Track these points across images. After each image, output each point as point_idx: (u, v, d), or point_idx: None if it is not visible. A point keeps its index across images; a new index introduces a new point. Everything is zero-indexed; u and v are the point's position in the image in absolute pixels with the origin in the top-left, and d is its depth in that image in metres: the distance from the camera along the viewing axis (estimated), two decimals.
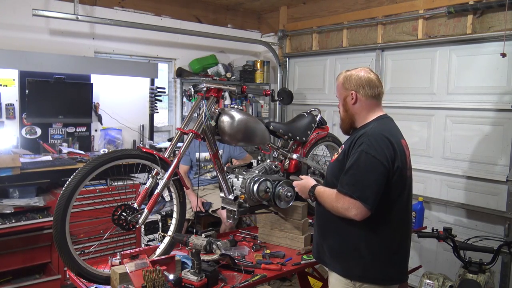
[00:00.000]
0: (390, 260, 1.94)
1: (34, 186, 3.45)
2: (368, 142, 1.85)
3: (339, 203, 1.87)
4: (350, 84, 1.99)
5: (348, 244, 1.94)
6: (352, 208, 1.82)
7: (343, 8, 4.66)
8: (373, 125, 1.96)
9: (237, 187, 2.47)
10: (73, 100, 4.03)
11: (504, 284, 3.39)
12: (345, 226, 1.92)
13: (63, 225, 1.91)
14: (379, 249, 1.92)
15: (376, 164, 1.82)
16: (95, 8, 4.24)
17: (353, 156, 1.86)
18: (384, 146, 1.85)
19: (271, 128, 2.69)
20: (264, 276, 2.20)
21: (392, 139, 1.89)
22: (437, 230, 2.93)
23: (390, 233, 1.93)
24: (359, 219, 1.83)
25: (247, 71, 5.17)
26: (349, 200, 1.83)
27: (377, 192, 1.83)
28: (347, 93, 2.01)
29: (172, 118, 5.03)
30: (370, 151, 1.83)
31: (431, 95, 3.88)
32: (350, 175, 1.85)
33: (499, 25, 3.38)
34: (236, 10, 5.40)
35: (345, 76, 2.02)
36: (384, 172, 1.83)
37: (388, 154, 1.84)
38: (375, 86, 1.99)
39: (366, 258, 1.91)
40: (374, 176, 1.82)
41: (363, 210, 1.81)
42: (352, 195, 1.82)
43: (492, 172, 3.49)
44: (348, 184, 1.84)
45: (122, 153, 2.12)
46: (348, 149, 1.94)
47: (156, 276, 1.82)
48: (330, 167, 2.08)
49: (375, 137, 1.87)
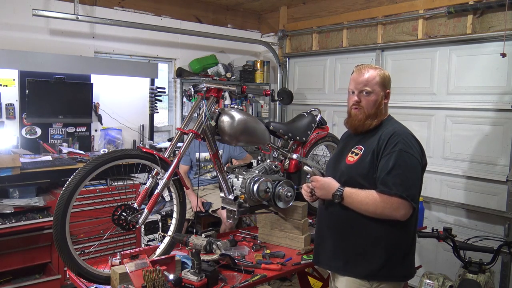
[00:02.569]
0: (410, 257, 1.99)
1: (34, 186, 3.45)
2: (403, 141, 1.88)
3: (386, 203, 1.83)
4: (389, 83, 2.04)
5: (376, 244, 1.91)
6: (401, 208, 1.83)
7: (343, 8, 4.66)
8: (393, 124, 2.00)
9: (237, 187, 2.47)
10: (73, 100, 4.03)
11: (504, 284, 3.39)
12: (374, 226, 1.90)
13: (63, 225, 1.91)
14: (404, 246, 1.94)
15: (416, 162, 1.88)
16: (95, 8, 4.24)
17: (391, 156, 1.86)
18: (416, 144, 1.92)
19: (271, 128, 2.69)
20: (264, 276, 2.20)
21: (416, 138, 1.96)
22: (437, 230, 2.93)
23: (413, 229, 1.98)
24: (405, 219, 1.86)
25: (247, 71, 5.18)
26: (398, 201, 1.82)
27: (420, 189, 1.92)
28: (385, 91, 2.02)
29: (172, 118, 5.03)
30: (409, 150, 1.87)
31: (431, 95, 3.88)
32: (395, 175, 1.83)
33: (499, 25, 3.38)
34: (236, 10, 5.40)
35: (382, 74, 2.01)
36: (420, 169, 1.90)
37: (419, 152, 1.91)
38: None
39: (395, 257, 1.91)
40: (417, 174, 1.88)
41: (411, 209, 1.85)
42: (402, 194, 1.81)
43: (492, 172, 3.49)
44: (395, 184, 1.82)
45: (122, 153, 2.12)
46: (377, 149, 1.91)
47: (156, 276, 1.82)
48: (354, 170, 1.96)
49: (407, 136, 1.92)
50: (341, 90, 4.67)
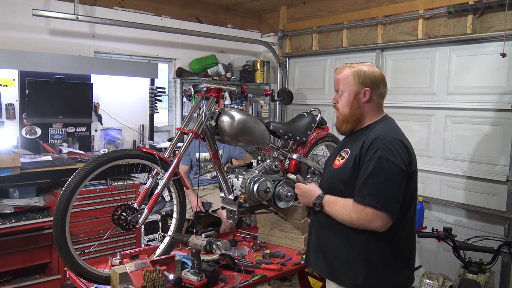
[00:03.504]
0: (402, 267, 1.87)
1: (34, 186, 3.45)
2: (384, 147, 1.73)
3: (361, 214, 1.73)
4: (365, 80, 1.86)
5: (357, 255, 1.81)
6: (376, 220, 1.71)
7: (343, 8, 4.66)
8: (382, 127, 1.85)
9: (237, 187, 2.47)
10: (73, 100, 4.03)
11: (504, 284, 3.39)
12: (355, 236, 1.81)
13: (63, 225, 1.91)
14: (391, 257, 1.82)
15: (397, 170, 1.72)
16: (95, 8, 4.24)
17: (370, 163, 1.74)
18: (400, 150, 1.75)
19: (271, 128, 2.68)
20: (264, 276, 2.20)
21: (405, 142, 1.81)
22: (437, 230, 2.94)
23: (403, 240, 1.86)
24: (383, 230, 1.73)
25: (247, 71, 5.17)
26: (373, 212, 1.71)
27: (399, 200, 1.74)
28: (360, 89, 1.86)
29: (172, 118, 5.03)
30: (390, 157, 1.72)
31: (431, 95, 3.88)
32: (370, 184, 1.72)
33: (499, 25, 3.38)
34: (236, 10, 5.40)
35: (357, 70, 1.87)
36: (403, 178, 1.75)
37: (405, 158, 1.75)
38: (386, 85, 1.91)
39: (379, 268, 1.81)
40: (396, 184, 1.73)
41: (388, 220, 1.72)
42: (376, 205, 1.70)
43: (492, 172, 3.49)
44: (370, 194, 1.71)
45: (122, 153, 2.12)
46: (359, 154, 1.80)
47: (156, 276, 1.82)
48: (337, 175, 1.89)
49: (391, 141, 1.76)
50: None
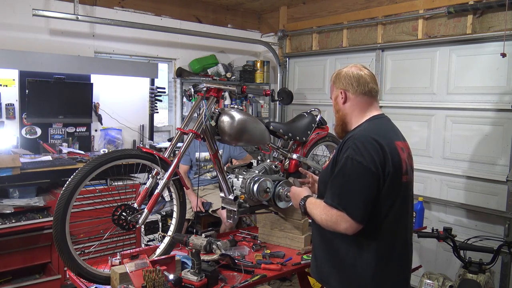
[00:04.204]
0: (387, 274, 1.77)
1: (34, 186, 3.45)
2: (353, 147, 1.68)
3: (328, 216, 1.70)
4: (340, 82, 1.86)
5: (342, 259, 1.78)
6: (341, 222, 1.66)
7: (343, 8, 4.66)
8: (363, 126, 1.80)
9: (237, 187, 2.47)
10: (73, 100, 4.03)
11: (504, 284, 3.39)
12: (336, 241, 1.78)
13: (63, 225, 1.91)
14: (372, 263, 1.73)
15: (363, 171, 1.64)
16: (95, 8, 4.24)
17: (340, 163, 1.71)
18: (372, 149, 1.66)
19: (271, 128, 2.68)
20: (264, 276, 2.20)
21: (382, 142, 1.70)
22: (437, 230, 2.94)
23: (382, 246, 1.75)
24: (351, 233, 1.67)
25: (247, 71, 5.17)
26: (337, 213, 1.66)
27: (366, 202, 1.65)
28: (337, 92, 1.87)
29: (172, 118, 5.03)
30: (356, 157, 1.66)
31: (431, 95, 3.88)
32: (335, 184, 1.70)
33: (499, 25, 3.38)
34: (236, 10, 5.40)
35: (334, 75, 1.89)
36: (372, 179, 1.65)
37: (377, 159, 1.66)
38: (365, 83, 1.82)
39: (362, 272, 1.74)
40: (362, 185, 1.65)
41: (352, 223, 1.64)
42: (338, 206, 1.66)
43: (492, 172, 3.49)
44: (334, 194, 1.69)
45: (122, 153, 2.12)
46: (336, 155, 1.76)
47: (156, 276, 1.82)
48: (321, 175, 1.93)
49: (362, 140, 1.69)
50: None
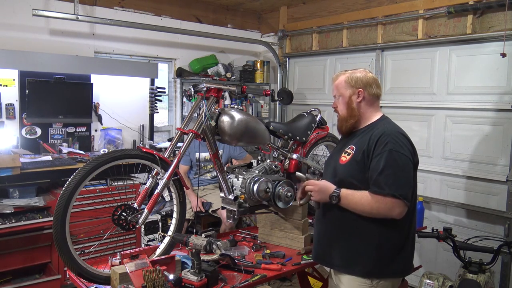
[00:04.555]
0: (404, 253, 1.99)
1: (34, 186, 3.45)
2: (393, 141, 1.90)
3: (381, 204, 1.86)
4: (357, 82, 2.04)
5: (369, 243, 1.95)
6: (396, 208, 1.86)
7: (343, 8, 4.66)
8: (384, 125, 2.01)
9: (237, 187, 2.47)
10: (73, 100, 4.03)
11: (504, 284, 3.39)
12: (366, 226, 1.94)
13: (63, 225, 1.91)
14: (400, 244, 1.96)
15: (407, 161, 1.90)
16: (95, 8, 4.24)
17: (381, 156, 1.88)
18: (406, 143, 1.94)
19: (271, 128, 2.68)
20: (264, 276, 2.20)
21: (407, 136, 1.99)
22: (437, 230, 2.93)
23: (408, 227, 1.99)
24: (400, 217, 1.88)
25: (247, 71, 5.17)
26: (392, 200, 1.85)
27: (411, 186, 1.92)
28: (353, 91, 2.04)
29: (172, 118, 5.03)
30: (399, 149, 1.89)
31: (431, 95, 3.88)
32: (386, 175, 1.86)
33: (499, 25, 3.38)
34: (236, 10, 5.40)
35: (350, 75, 2.06)
36: (411, 167, 1.92)
37: (410, 150, 1.94)
38: (379, 86, 2.08)
39: (388, 253, 1.94)
40: (408, 173, 1.90)
41: (405, 207, 1.87)
42: (395, 194, 1.84)
43: (492, 172, 3.49)
44: (387, 184, 1.85)
45: (122, 153, 2.12)
46: (367, 149, 1.94)
47: (156, 276, 1.82)
48: (345, 170, 2.02)
49: (396, 135, 1.94)
50: None
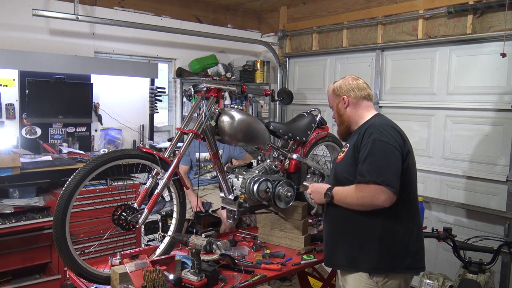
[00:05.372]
0: (410, 248, 2.00)
1: (34, 186, 3.45)
2: (377, 131, 1.94)
3: (365, 192, 1.88)
4: (341, 90, 2.16)
5: (371, 239, 1.96)
6: (380, 194, 1.85)
7: (343, 8, 4.66)
8: (374, 119, 2.07)
9: (237, 187, 2.47)
10: (73, 100, 4.03)
11: (504, 284, 3.39)
12: (368, 221, 1.96)
13: (63, 225, 1.91)
14: (399, 237, 1.97)
15: (391, 148, 1.91)
16: (95, 8, 4.24)
17: (366, 146, 1.93)
18: (392, 133, 1.96)
19: (271, 128, 2.68)
20: (264, 276, 2.19)
21: (397, 128, 2.02)
22: (437, 230, 2.93)
23: (411, 221, 2.01)
24: (388, 205, 1.86)
25: (247, 71, 5.17)
26: (375, 187, 1.85)
27: (398, 174, 1.89)
28: (339, 99, 2.16)
29: (172, 118, 5.03)
30: (382, 138, 1.92)
31: (431, 95, 3.88)
32: (368, 163, 1.89)
33: (499, 25, 3.38)
34: (236, 10, 5.40)
35: (335, 85, 2.20)
36: (398, 155, 1.92)
37: (398, 140, 1.95)
38: (363, 88, 2.15)
39: (392, 248, 1.96)
40: (392, 160, 1.90)
41: (390, 194, 1.85)
42: (376, 180, 1.85)
43: (492, 172, 3.49)
44: (369, 171, 1.88)
45: (122, 153, 2.12)
46: (356, 143, 2.00)
47: (156, 276, 1.82)
48: (340, 166, 2.10)
49: (383, 126, 1.98)
50: None
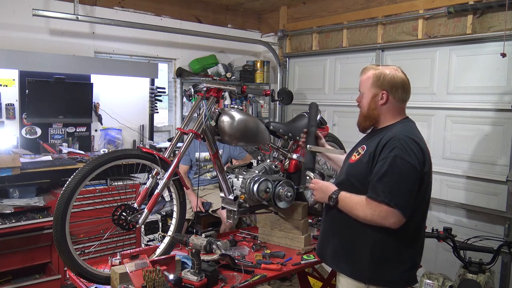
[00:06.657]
0: (405, 264, 1.90)
1: (34, 186, 3.45)
2: (400, 147, 1.79)
3: (375, 211, 1.79)
4: (384, 83, 1.91)
5: (362, 247, 1.89)
6: (390, 217, 1.76)
7: (343, 8, 4.66)
8: (399, 128, 1.90)
9: (237, 187, 2.47)
10: (73, 100, 4.03)
11: (504, 284, 3.39)
12: (361, 229, 1.88)
13: (63, 225, 1.91)
14: (393, 251, 1.87)
15: (411, 169, 1.77)
16: (95, 8, 4.24)
17: (385, 161, 1.79)
18: (415, 150, 1.81)
19: (271, 128, 2.68)
20: (264, 276, 2.19)
21: (421, 143, 1.86)
22: (437, 230, 2.94)
23: (407, 238, 1.88)
24: (396, 227, 1.78)
25: (247, 71, 5.18)
26: (387, 209, 1.76)
27: (412, 199, 1.79)
28: (377, 91, 1.92)
29: (172, 118, 5.03)
30: (404, 156, 1.77)
31: (431, 95, 3.88)
32: (385, 182, 1.77)
33: (499, 25, 3.38)
34: (236, 10, 5.40)
35: (378, 73, 1.93)
36: (417, 177, 1.80)
37: (419, 158, 1.80)
38: (408, 90, 1.95)
39: (379, 261, 1.87)
40: (410, 183, 1.78)
41: (401, 218, 1.76)
42: (390, 203, 1.75)
43: (492, 172, 3.49)
44: (384, 192, 1.77)
45: (122, 153, 2.12)
46: (374, 152, 1.85)
47: (156, 276, 1.82)
48: (351, 169, 1.97)
49: (406, 141, 1.81)
50: (341, 90, 4.67)
